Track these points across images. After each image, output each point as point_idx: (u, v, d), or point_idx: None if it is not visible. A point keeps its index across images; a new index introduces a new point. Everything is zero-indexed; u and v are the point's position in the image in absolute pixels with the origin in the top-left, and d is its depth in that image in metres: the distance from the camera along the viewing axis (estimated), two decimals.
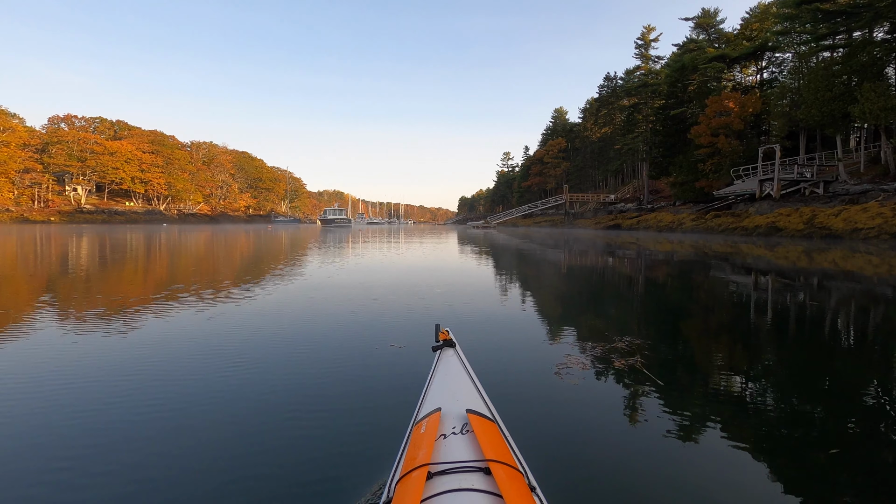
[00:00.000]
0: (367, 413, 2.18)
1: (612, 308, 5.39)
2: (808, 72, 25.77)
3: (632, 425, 2.10)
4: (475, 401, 1.32)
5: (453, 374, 1.53)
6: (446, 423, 1.16)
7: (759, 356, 3.36)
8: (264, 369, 2.81)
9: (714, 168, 34.05)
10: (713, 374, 2.88)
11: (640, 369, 2.83)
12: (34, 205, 63.18)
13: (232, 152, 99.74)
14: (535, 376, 2.74)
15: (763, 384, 2.75)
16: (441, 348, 1.76)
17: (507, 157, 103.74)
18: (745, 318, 4.79)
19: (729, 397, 2.50)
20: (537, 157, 73.28)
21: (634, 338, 3.60)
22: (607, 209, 48.17)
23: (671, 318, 4.88)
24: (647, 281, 8.04)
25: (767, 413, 2.30)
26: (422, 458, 0.98)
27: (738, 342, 3.76)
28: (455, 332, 1.93)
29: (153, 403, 2.28)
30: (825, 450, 1.92)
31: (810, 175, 24.94)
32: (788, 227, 21.29)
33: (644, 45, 48.15)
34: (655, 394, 2.46)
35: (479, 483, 0.90)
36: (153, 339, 3.53)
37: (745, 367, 3.06)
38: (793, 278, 8.08)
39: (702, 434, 2.03)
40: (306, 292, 5.95)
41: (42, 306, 4.87)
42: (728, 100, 32.57)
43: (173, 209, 79.25)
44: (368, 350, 3.26)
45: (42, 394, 2.41)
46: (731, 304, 5.69)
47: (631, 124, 48.05)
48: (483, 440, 1.04)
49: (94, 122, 76.58)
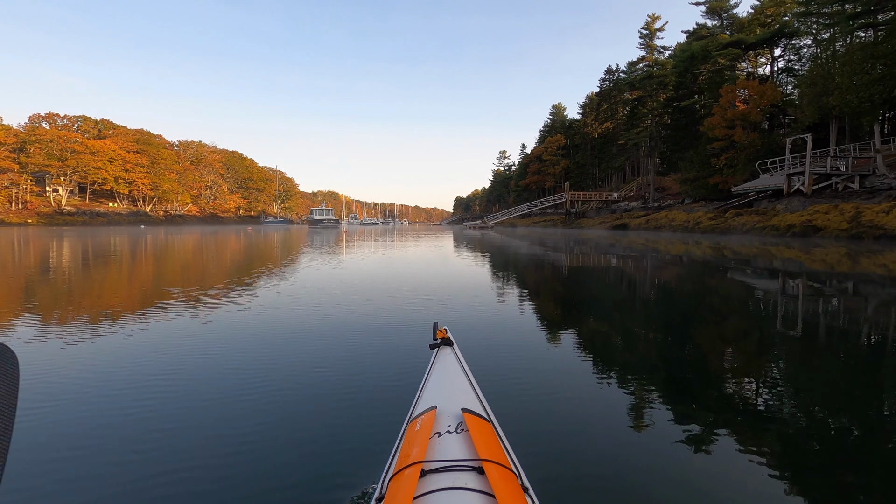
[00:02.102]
0: (362, 410, 2.21)
1: (619, 314, 5.05)
2: (843, 54, 23.28)
3: (627, 429, 2.05)
4: (471, 400, 1.31)
5: (450, 373, 1.53)
6: (441, 421, 1.16)
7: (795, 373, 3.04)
8: (259, 367, 2.84)
9: (728, 163, 31.64)
10: (718, 381, 2.78)
11: (638, 374, 2.79)
12: (11, 206, 60.39)
13: (221, 152, 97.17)
14: (532, 377, 2.71)
15: (765, 389, 2.64)
16: (438, 347, 1.75)
17: (503, 155, 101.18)
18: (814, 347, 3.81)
19: (733, 404, 2.41)
20: (535, 154, 70.67)
21: (637, 342, 3.68)
22: (610, 208, 45.82)
23: (684, 327, 4.52)
24: (679, 294, 6.75)
25: (774, 417, 2.24)
26: (416, 456, 0.98)
27: (759, 352, 3.50)
28: (454, 331, 1.97)
29: (147, 405, 2.27)
30: (849, 473, 1.77)
31: (844, 168, 22.46)
32: (829, 227, 18.75)
33: (649, 34, 45.69)
34: (653, 398, 2.42)
35: (472, 482, 0.90)
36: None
37: (767, 378, 2.87)
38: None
39: (699, 440, 1.95)
40: (299, 293, 5.93)
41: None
42: (745, 89, 30.11)
43: (160, 210, 76.51)
44: (365, 348, 3.29)
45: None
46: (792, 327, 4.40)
47: (635, 118, 45.66)
48: (477, 439, 1.04)
49: (77, 120, 73.82)
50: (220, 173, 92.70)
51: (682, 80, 37.78)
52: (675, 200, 38.57)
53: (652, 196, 42.06)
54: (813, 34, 28.65)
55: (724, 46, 33.75)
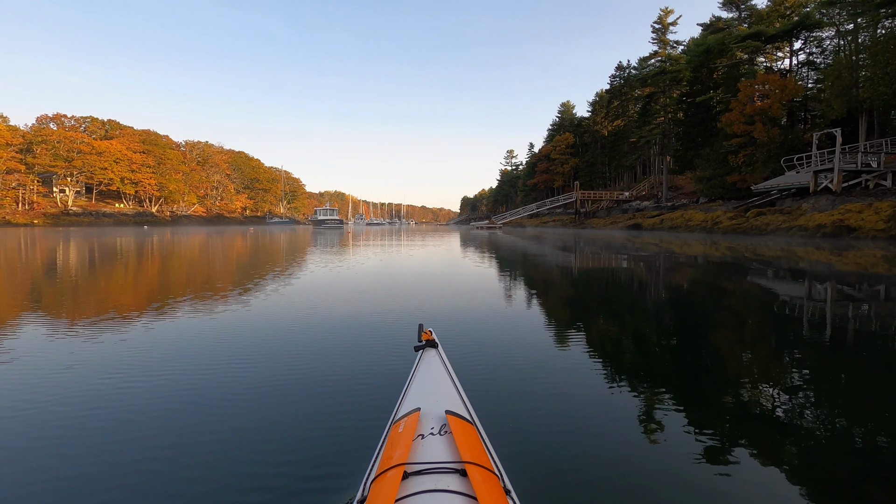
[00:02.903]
0: (345, 411, 2.16)
1: (621, 316, 4.67)
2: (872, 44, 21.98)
3: (613, 433, 1.99)
4: (455, 402, 1.30)
5: (434, 375, 1.52)
6: (425, 423, 1.15)
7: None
8: (236, 369, 2.76)
9: (747, 160, 30.39)
10: (728, 384, 2.63)
11: (627, 377, 2.69)
12: (18, 207, 60.45)
13: (228, 152, 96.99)
14: (518, 380, 2.63)
15: (786, 398, 2.42)
16: (423, 348, 1.73)
17: (510, 155, 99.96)
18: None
19: (724, 405, 2.31)
20: (543, 153, 69.46)
21: (632, 345, 3.51)
22: (621, 208, 44.64)
23: (693, 330, 4.14)
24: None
25: (794, 429, 2.07)
26: (398, 458, 0.98)
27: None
28: (439, 334, 1.95)
29: (141, 407, 2.21)
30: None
31: (876, 164, 21.18)
32: (864, 227, 17.52)
33: (661, 28, 44.40)
34: (639, 402, 2.32)
35: (454, 484, 0.90)
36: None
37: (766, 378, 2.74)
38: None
39: (691, 446, 1.87)
40: (295, 295, 5.70)
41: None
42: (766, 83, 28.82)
43: (166, 211, 76.31)
44: (349, 349, 3.23)
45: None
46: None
47: (647, 115, 44.41)
48: (461, 442, 1.04)
49: (84, 121, 73.77)
50: (227, 173, 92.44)
51: (698, 75, 36.50)
52: (689, 200, 37.33)
53: (665, 195, 40.83)
54: (836, 25, 27.35)
55: (742, 39, 32.40)
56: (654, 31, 44.79)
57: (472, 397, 1.40)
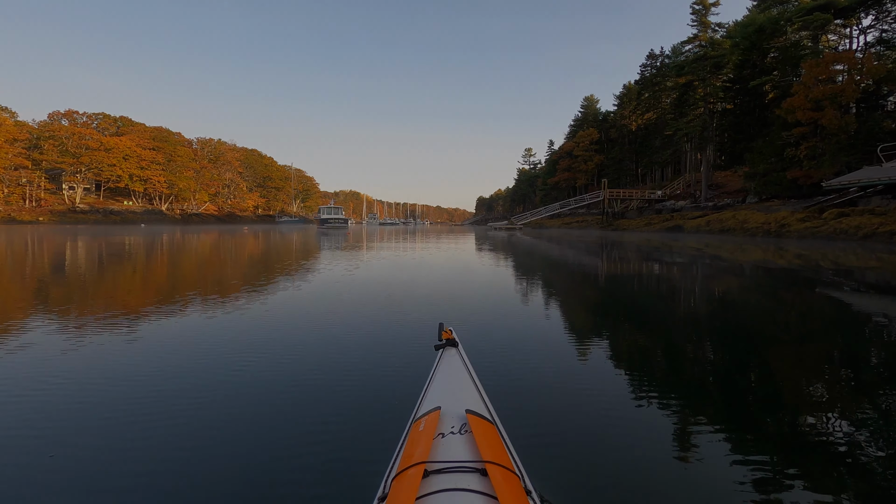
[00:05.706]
0: (366, 409, 2.16)
1: (655, 324, 4.26)
2: None
3: (637, 440, 1.92)
4: (475, 401, 1.30)
5: (454, 374, 1.52)
6: (445, 422, 1.16)
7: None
8: (262, 368, 2.75)
9: (810, 153, 26.14)
10: (732, 392, 2.49)
11: (656, 387, 2.53)
12: (25, 204, 59.19)
13: (240, 150, 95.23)
14: (539, 381, 2.59)
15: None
16: (444, 347, 1.73)
17: (528, 153, 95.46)
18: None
19: (749, 415, 2.16)
20: (565, 150, 65.24)
21: (653, 349, 3.35)
22: (654, 208, 40.48)
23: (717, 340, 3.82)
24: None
25: (788, 425, 2.06)
26: (419, 456, 0.99)
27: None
28: (459, 333, 1.90)
29: (146, 409, 2.15)
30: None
31: None
32: None
33: (702, 9, 39.99)
34: (669, 413, 2.17)
35: (474, 484, 0.90)
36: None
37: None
38: None
39: (720, 462, 1.75)
40: (312, 292, 5.70)
41: None
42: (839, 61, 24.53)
43: (176, 209, 74.57)
44: (370, 347, 3.21)
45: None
46: None
47: (685, 106, 40.13)
48: (481, 441, 1.04)
49: (96, 117, 72.48)
50: (239, 171, 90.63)
51: (748, 58, 32.19)
52: (732, 199, 33.08)
53: (704, 194, 36.59)
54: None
55: (809, 11, 28.07)
56: (693, 13, 40.42)
57: (492, 397, 1.40)
